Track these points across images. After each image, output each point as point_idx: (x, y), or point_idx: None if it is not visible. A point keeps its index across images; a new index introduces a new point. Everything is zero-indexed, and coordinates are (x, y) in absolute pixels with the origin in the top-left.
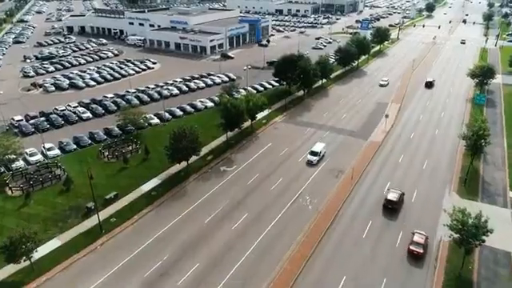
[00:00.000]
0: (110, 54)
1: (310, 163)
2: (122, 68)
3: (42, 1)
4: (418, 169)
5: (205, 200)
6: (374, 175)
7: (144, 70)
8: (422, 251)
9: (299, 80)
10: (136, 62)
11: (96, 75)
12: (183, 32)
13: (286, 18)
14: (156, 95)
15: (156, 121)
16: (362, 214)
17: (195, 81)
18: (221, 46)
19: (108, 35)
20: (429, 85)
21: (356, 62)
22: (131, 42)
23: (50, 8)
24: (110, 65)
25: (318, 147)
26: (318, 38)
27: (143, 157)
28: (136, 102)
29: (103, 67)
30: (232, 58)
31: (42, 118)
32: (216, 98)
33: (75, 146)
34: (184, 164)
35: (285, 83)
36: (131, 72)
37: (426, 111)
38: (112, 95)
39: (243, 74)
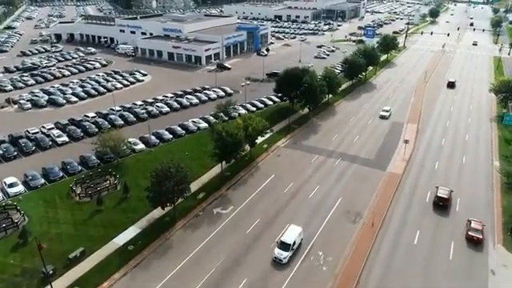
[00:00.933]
0: (97, 65)
1: (277, 261)
2: (108, 81)
3: (34, 6)
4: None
5: (194, 257)
6: (399, 220)
7: (133, 83)
8: (481, 237)
9: (304, 97)
10: (124, 74)
11: (79, 90)
12: (177, 40)
13: (286, 24)
14: (143, 114)
15: (141, 146)
16: (391, 277)
17: (188, 96)
18: (217, 55)
19: (98, 43)
20: (451, 85)
21: (364, 74)
22: (121, 51)
23: (41, 14)
24: (96, 77)
25: (291, 235)
26: (320, 47)
27: (121, 196)
28: (120, 122)
29: (88, 80)
30: (229, 68)
31: (6, 145)
32: (211, 118)
33: (43, 181)
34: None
35: (287, 100)
36: (118, 86)
37: (447, 133)
38: (94, 114)
39: (241, 86)
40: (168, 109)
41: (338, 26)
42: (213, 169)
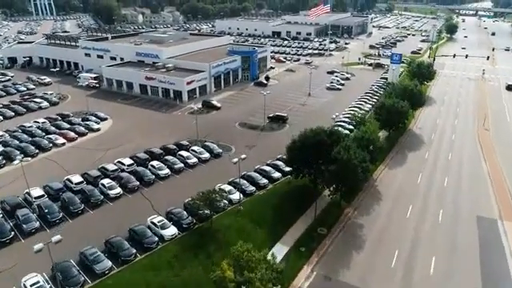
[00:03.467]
0: (44, 104)
1: None
2: (47, 132)
3: (8, 21)
4: None
5: None
6: None
7: (82, 134)
8: None
9: (336, 181)
10: (75, 120)
11: None
12: (151, 69)
13: (286, 42)
14: (76, 203)
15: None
16: None
17: (154, 163)
18: (203, 88)
19: (60, 70)
20: None
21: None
22: (83, 82)
23: (11, 30)
24: (34, 124)
25: None
26: (331, 72)
27: None
28: (33, 223)
29: (19, 131)
30: (218, 108)
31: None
32: (182, 214)
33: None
34: None
35: (303, 175)
36: (59, 141)
37: None
38: None
39: (233, 137)
40: (119, 190)
41: (346, 44)
42: None
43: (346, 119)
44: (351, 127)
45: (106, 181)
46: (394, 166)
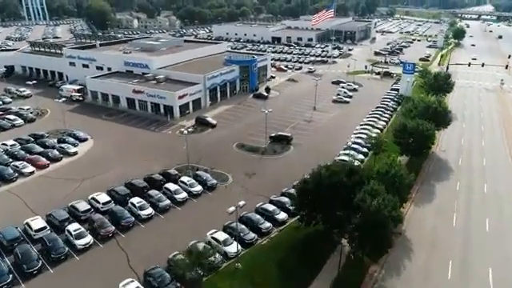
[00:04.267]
0: (18, 121)
1: None
2: (14, 158)
3: None
4: None
5: None
6: None
7: (56, 159)
8: None
9: (360, 237)
10: (49, 142)
11: None
12: (140, 81)
13: (286, 48)
14: (32, 259)
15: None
16: None
17: (134, 201)
18: (197, 102)
19: (44, 79)
20: None
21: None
22: (66, 94)
23: (0, 36)
24: (1, 148)
25: None
26: (336, 83)
27: None
28: None
29: None
30: (213, 125)
31: None
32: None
33: None
34: None
35: (318, 222)
36: (27, 170)
37: None
38: None
39: (230, 162)
40: (88, 240)
41: (349, 50)
42: None
43: (359, 140)
44: (365, 150)
45: (73, 226)
46: (422, 203)
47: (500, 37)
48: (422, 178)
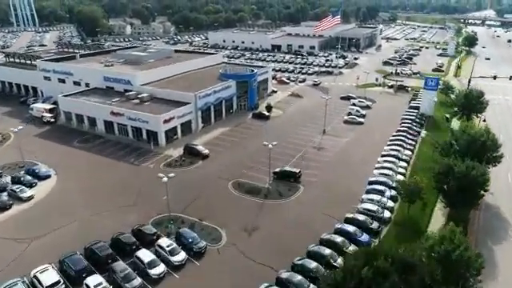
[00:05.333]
0: None
1: None
2: None
3: None
4: None
5: None
6: None
7: (4, 208)
8: None
9: None
10: (3, 181)
11: None
12: (121, 100)
13: (287, 56)
14: None
15: None
16: None
17: (90, 282)
18: (187, 125)
19: (17, 94)
20: None
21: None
22: (36, 114)
23: None
24: None
25: None
26: (346, 98)
27: None
28: None
29: None
30: (205, 156)
31: None
32: None
33: None
34: None
35: None
36: None
37: None
38: None
39: (224, 211)
40: None
41: (355, 59)
42: None
43: (385, 178)
44: (393, 192)
45: None
46: (486, 279)
47: (509, 41)
48: (473, 235)
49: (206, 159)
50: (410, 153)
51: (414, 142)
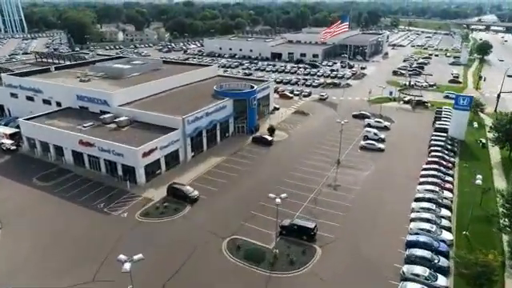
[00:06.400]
0: None
1: None
2: None
3: None
4: None
5: None
6: None
7: None
8: None
9: None
10: None
11: None
12: (94, 125)
13: (289, 66)
14: None
15: None
16: None
17: None
18: (173, 156)
19: None
20: None
21: None
22: None
23: None
24: None
25: None
26: (359, 117)
27: None
28: None
29: None
30: (193, 199)
31: None
32: None
33: None
34: None
35: None
36: None
37: None
38: None
39: None
40: None
41: (362, 68)
42: None
43: (426, 238)
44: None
45: None
46: None
47: None
48: None
49: (194, 203)
50: (450, 194)
51: (451, 178)
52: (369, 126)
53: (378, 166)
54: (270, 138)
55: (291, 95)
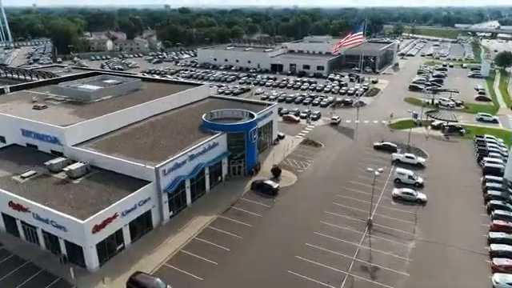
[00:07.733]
0: None
1: None
2: None
3: None
4: None
5: None
6: None
7: None
8: None
9: None
10: None
11: None
12: (37, 175)
13: (291, 79)
14: None
15: None
16: None
17: None
18: (144, 220)
19: None
20: None
21: None
22: None
23: None
24: None
25: None
26: (382, 148)
27: None
28: None
29: None
30: None
31: None
32: None
33: None
34: None
35: None
36: None
37: None
38: None
39: None
40: None
41: (373, 82)
42: None
43: None
44: None
45: None
46: None
47: None
48: None
49: None
50: None
51: None
52: (398, 162)
53: (424, 229)
54: (275, 186)
55: (297, 118)
